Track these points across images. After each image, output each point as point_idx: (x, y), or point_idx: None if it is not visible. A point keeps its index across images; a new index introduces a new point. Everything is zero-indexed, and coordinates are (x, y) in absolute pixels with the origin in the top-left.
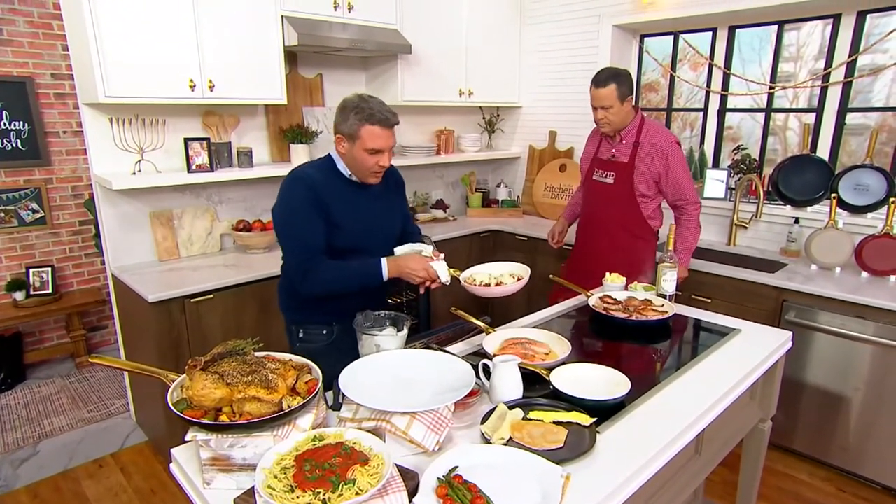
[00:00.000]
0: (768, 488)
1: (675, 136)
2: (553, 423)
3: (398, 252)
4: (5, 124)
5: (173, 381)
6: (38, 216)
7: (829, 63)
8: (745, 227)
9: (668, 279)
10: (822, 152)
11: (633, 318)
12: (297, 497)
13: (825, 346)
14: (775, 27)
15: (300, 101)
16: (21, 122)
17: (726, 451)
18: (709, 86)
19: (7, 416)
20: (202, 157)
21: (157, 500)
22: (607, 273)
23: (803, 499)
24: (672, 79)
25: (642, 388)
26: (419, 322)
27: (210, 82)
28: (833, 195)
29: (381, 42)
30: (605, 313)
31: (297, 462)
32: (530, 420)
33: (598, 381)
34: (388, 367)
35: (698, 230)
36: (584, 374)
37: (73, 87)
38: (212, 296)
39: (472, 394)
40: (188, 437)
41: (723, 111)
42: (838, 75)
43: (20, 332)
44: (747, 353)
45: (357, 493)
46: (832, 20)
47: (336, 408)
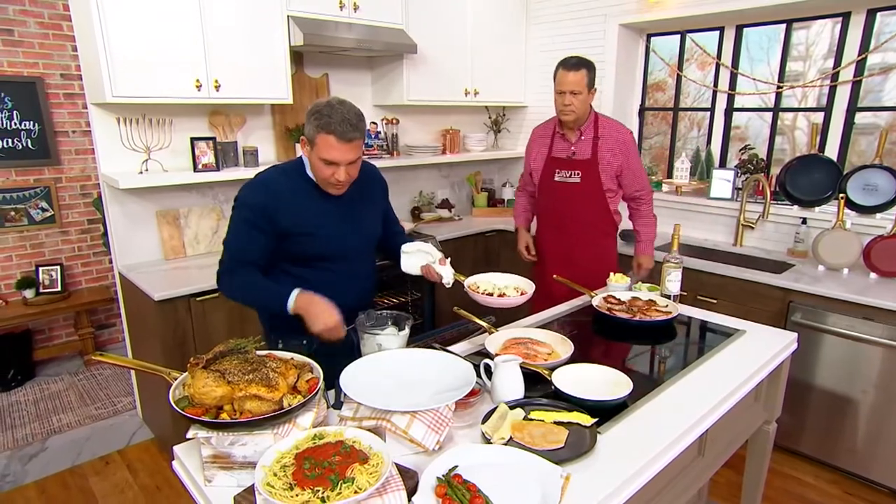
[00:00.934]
0: (774, 490)
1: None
2: (554, 423)
3: (406, 249)
4: (16, 124)
5: (175, 379)
6: (48, 215)
7: (838, 62)
8: (752, 228)
9: (673, 279)
10: (831, 152)
11: (637, 318)
12: (296, 495)
13: (832, 348)
14: (783, 26)
15: (306, 100)
16: (31, 122)
17: (730, 452)
18: (716, 85)
19: (17, 413)
20: (208, 157)
21: (162, 497)
22: (611, 273)
23: (809, 501)
24: (679, 78)
25: (645, 388)
26: (423, 321)
27: (216, 82)
28: (841, 195)
29: (387, 42)
30: (608, 313)
31: (296, 460)
32: (531, 420)
33: (600, 381)
34: (389, 367)
35: (656, 217)
36: (586, 374)
37: (82, 87)
38: (217, 294)
39: (473, 393)
40: (189, 435)
41: (730, 111)
42: (847, 74)
43: (30, 329)
44: (752, 354)
45: (356, 492)
46: (841, 18)
47: (337, 406)
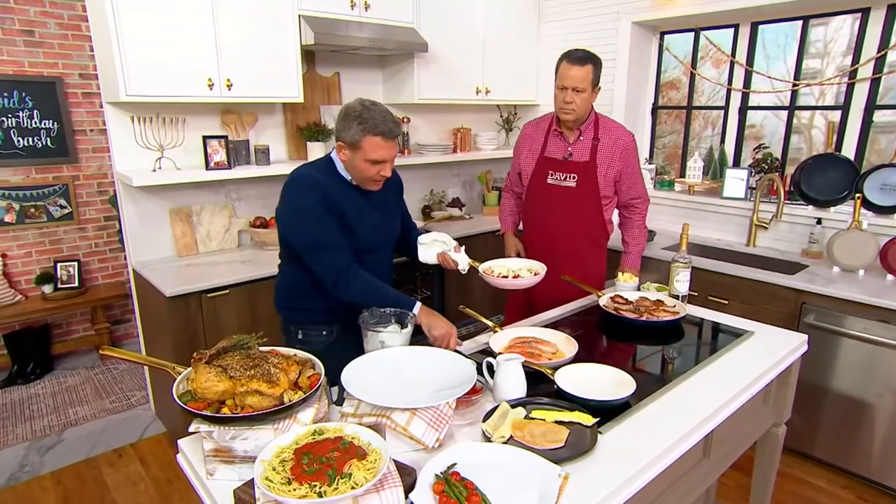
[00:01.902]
0: (785, 494)
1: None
2: (555, 422)
3: (422, 240)
4: (36, 123)
5: (179, 374)
6: (66, 212)
7: (856, 59)
8: (766, 228)
9: (681, 279)
10: (848, 151)
11: (644, 318)
12: (294, 489)
13: (847, 351)
14: (800, 23)
15: (317, 99)
16: (51, 121)
17: (737, 454)
18: (730, 83)
19: (35, 405)
20: (220, 155)
21: (173, 489)
22: (619, 273)
23: None
24: (692, 76)
25: (649, 389)
26: None
27: (228, 81)
28: (858, 195)
29: (398, 41)
30: (615, 313)
31: (295, 455)
32: (532, 419)
33: (603, 381)
34: (390, 364)
35: (647, 230)
36: (590, 374)
37: (99, 87)
38: (227, 291)
39: (475, 391)
40: (191, 429)
41: (744, 109)
42: (866, 71)
43: (48, 324)
44: (760, 356)
45: (352, 487)
46: (860, 14)
47: (339, 403)
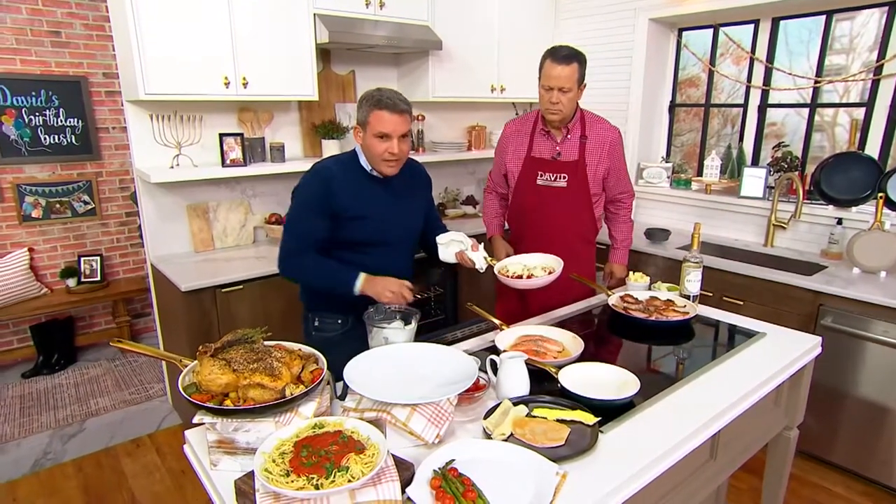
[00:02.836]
0: (801, 499)
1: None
2: (557, 420)
3: (440, 240)
4: (62, 121)
5: (186, 366)
6: (89, 207)
7: (882, 54)
8: (784, 228)
9: (692, 279)
10: (872, 149)
11: (653, 318)
12: (292, 481)
13: (866, 354)
14: (823, 17)
15: (333, 97)
16: (75, 119)
17: (746, 457)
18: (749, 80)
19: (59, 395)
20: (236, 152)
21: (187, 479)
22: (631, 272)
23: None
24: (711, 74)
25: (655, 389)
26: (446, 317)
27: (244, 79)
28: (880, 195)
29: (413, 39)
30: (624, 313)
31: (295, 448)
32: (534, 417)
33: (607, 380)
34: (393, 360)
35: (633, 223)
36: (594, 373)
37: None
38: (241, 286)
39: (479, 388)
40: (196, 420)
41: (763, 107)
42: (892, 67)
43: (72, 316)
44: (770, 357)
45: (349, 480)
46: (888, 8)
47: (341, 397)
